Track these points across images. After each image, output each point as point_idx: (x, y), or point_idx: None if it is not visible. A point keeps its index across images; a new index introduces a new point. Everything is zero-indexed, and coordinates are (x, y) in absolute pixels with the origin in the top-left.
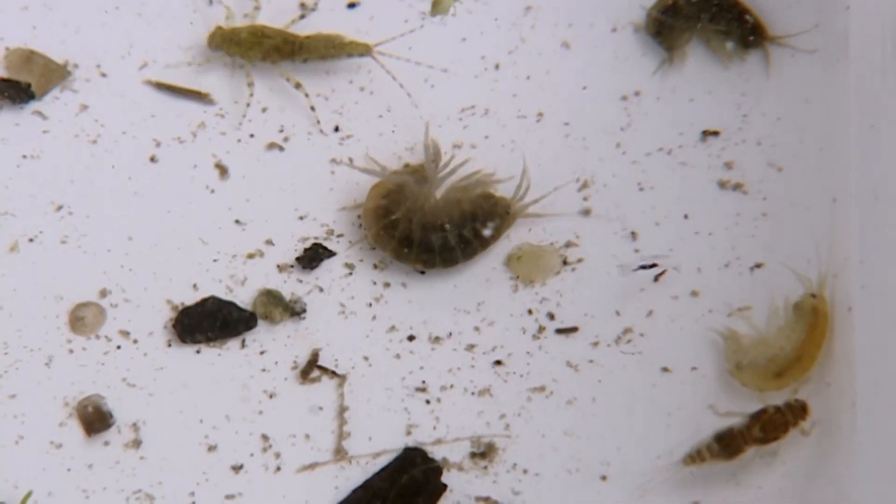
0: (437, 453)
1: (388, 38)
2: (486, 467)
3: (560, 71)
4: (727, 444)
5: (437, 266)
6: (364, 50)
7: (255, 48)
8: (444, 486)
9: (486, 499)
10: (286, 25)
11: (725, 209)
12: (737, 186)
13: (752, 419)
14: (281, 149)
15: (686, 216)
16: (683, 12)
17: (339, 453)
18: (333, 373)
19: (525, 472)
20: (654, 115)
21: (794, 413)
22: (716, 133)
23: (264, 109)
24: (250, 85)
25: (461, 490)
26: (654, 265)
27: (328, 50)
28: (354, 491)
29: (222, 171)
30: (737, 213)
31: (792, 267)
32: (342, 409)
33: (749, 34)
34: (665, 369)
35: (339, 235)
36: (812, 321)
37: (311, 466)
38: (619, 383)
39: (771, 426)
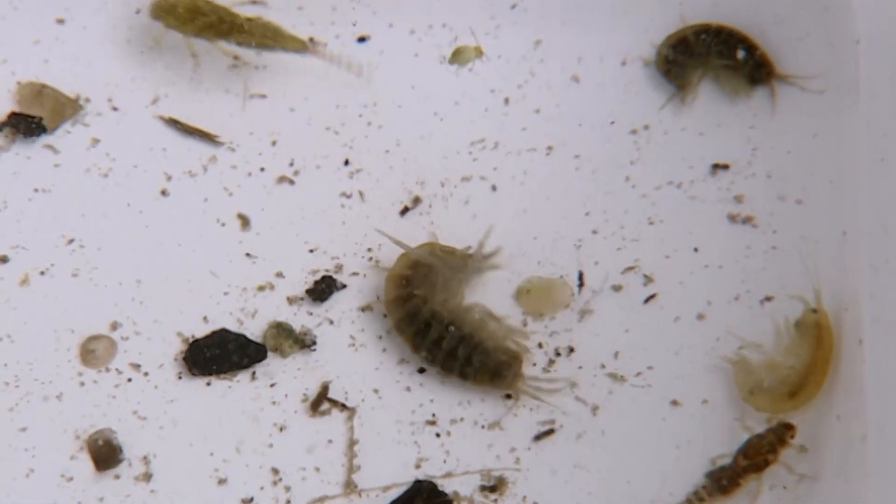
0: (447, 487)
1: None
2: (496, 501)
3: (570, 104)
4: (718, 480)
5: (455, 371)
6: (300, 47)
7: (189, 23)
8: None
9: None
10: (232, 4)
11: (735, 242)
12: (747, 220)
13: (736, 452)
14: (291, 182)
15: (696, 249)
16: (693, 49)
17: (349, 486)
18: (343, 406)
19: None
20: (664, 149)
21: (778, 434)
22: (725, 166)
23: (274, 143)
24: (194, 56)
25: None
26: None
27: (264, 39)
28: None
29: (240, 216)
30: (747, 247)
31: (788, 291)
32: (352, 443)
33: (757, 71)
34: (675, 402)
35: (353, 274)
36: (817, 336)
37: (321, 500)
38: (629, 416)
39: (753, 451)
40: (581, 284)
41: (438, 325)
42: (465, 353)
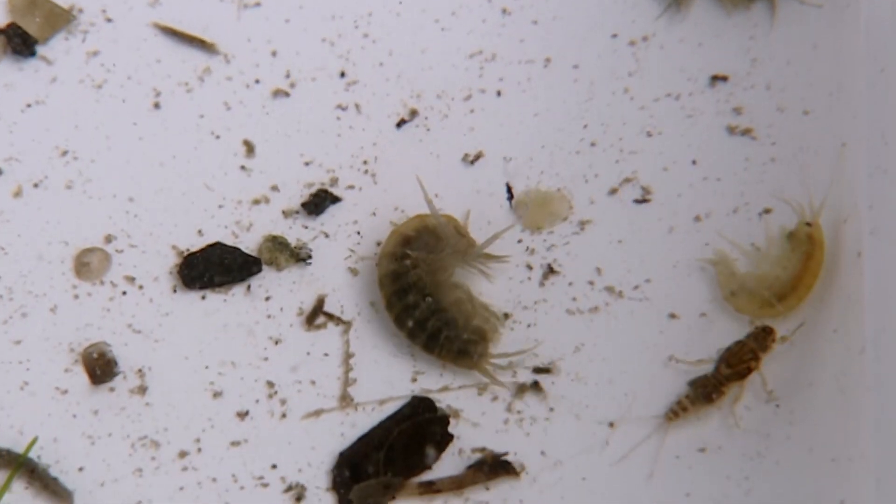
0: (442, 401)
1: None
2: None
3: (567, 16)
4: (701, 388)
5: (420, 341)
6: None
7: None
8: (451, 437)
9: (482, 449)
10: None
11: (734, 154)
12: (745, 132)
13: (717, 360)
14: (286, 94)
15: (694, 162)
16: None
17: (345, 400)
18: (339, 319)
19: (534, 420)
20: (663, 61)
21: (759, 339)
22: (724, 78)
23: (269, 54)
24: None
25: (465, 439)
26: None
27: None
28: (359, 439)
29: (234, 129)
30: (745, 159)
31: (785, 198)
32: (347, 356)
33: None
34: (672, 315)
35: (349, 187)
36: (808, 249)
37: (317, 413)
38: (627, 330)
39: (735, 359)
40: (510, 197)
41: (418, 292)
42: (434, 325)
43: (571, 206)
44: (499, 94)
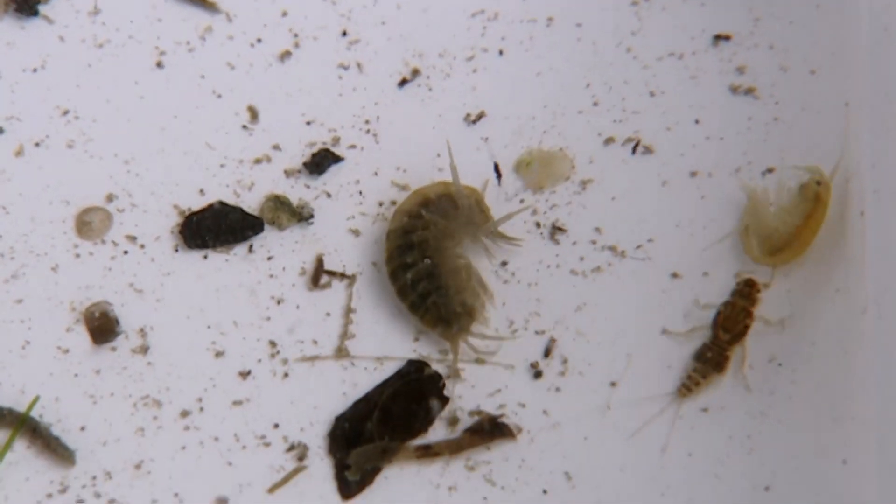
0: (443, 361)
1: None
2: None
3: None
4: (708, 359)
5: (407, 300)
6: None
7: None
8: (447, 399)
9: (479, 412)
10: None
11: (737, 114)
12: (749, 91)
13: (713, 327)
14: (288, 53)
15: (697, 121)
16: None
17: (341, 351)
18: (342, 274)
19: (536, 379)
20: (665, 20)
21: (745, 295)
22: (727, 37)
23: (270, 13)
24: None
25: (464, 401)
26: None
27: None
28: (355, 403)
29: (236, 88)
30: (748, 118)
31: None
32: (349, 309)
33: None
34: (675, 275)
35: (351, 147)
36: (811, 208)
37: (312, 359)
38: (630, 289)
39: (730, 322)
40: (499, 175)
41: (420, 252)
42: (425, 288)
43: (574, 165)
44: (501, 53)
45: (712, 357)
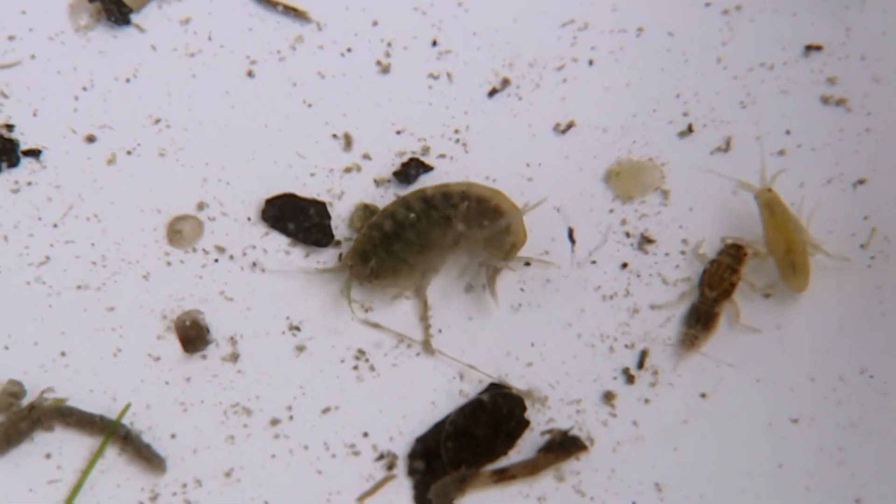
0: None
1: None
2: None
3: None
4: (697, 319)
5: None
6: None
7: None
8: (528, 423)
9: (550, 430)
10: None
11: (828, 124)
12: (840, 101)
13: (699, 285)
14: (378, 63)
15: (788, 132)
16: None
17: (427, 346)
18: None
19: (615, 389)
20: (756, 30)
21: (731, 254)
22: (819, 48)
23: (361, 23)
24: None
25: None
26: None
27: None
28: (435, 425)
29: (327, 97)
30: (840, 129)
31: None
32: (425, 307)
33: None
34: (766, 294)
35: (440, 156)
36: (768, 217)
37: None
38: None
39: (716, 279)
40: (572, 241)
41: (418, 221)
42: (385, 244)
43: (663, 175)
44: (591, 63)
45: (700, 317)
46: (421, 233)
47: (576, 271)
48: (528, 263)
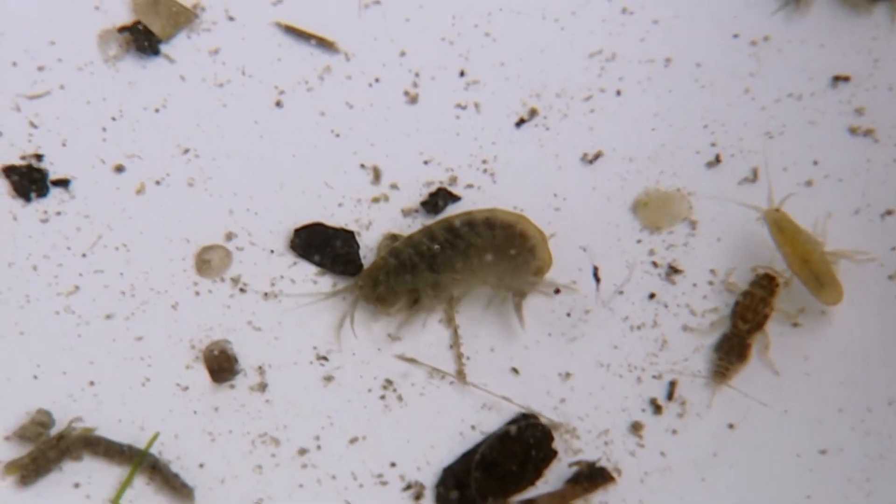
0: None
1: None
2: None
3: (688, 15)
4: (729, 350)
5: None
6: None
7: None
8: (555, 453)
9: (578, 462)
10: None
11: (856, 155)
12: (868, 132)
13: (732, 317)
14: (406, 93)
15: (815, 162)
16: None
17: (461, 375)
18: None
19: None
20: (784, 61)
21: (763, 286)
22: (846, 78)
23: (388, 53)
24: None
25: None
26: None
27: None
28: (463, 455)
29: (354, 127)
30: (867, 160)
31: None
32: (455, 330)
33: None
34: (800, 309)
35: (468, 186)
36: (780, 237)
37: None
38: None
39: (749, 312)
40: (597, 280)
41: (437, 249)
42: (409, 259)
43: (691, 205)
44: (619, 93)
45: (733, 348)
46: (443, 264)
47: (604, 301)
48: (557, 291)
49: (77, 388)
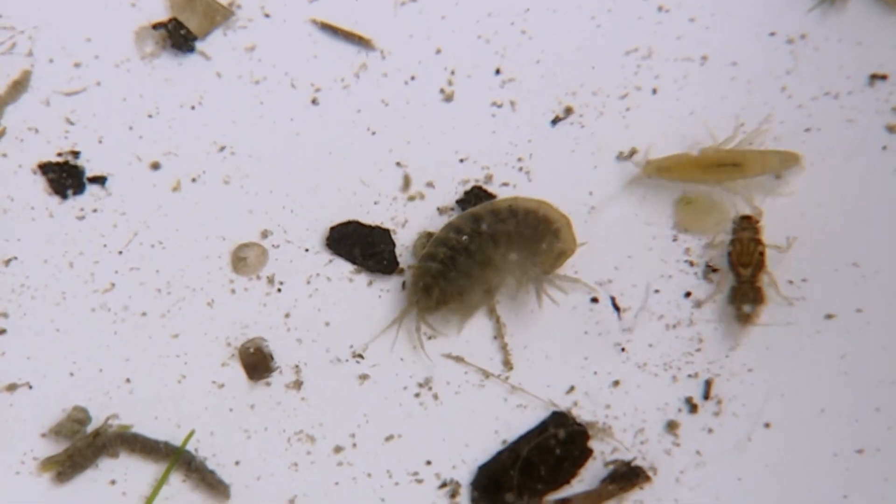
0: (580, 415)
1: None
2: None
3: (725, 13)
4: (743, 297)
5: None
6: None
7: None
8: (591, 452)
9: (615, 460)
10: None
11: (893, 153)
12: None
13: (731, 268)
14: (442, 91)
15: (850, 160)
16: None
17: (507, 365)
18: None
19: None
20: (821, 59)
21: (746, 227)
22: (883, 77)
23: (424, 51)
24: None
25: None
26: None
27: None
28: (497, 454)
29: (390, 125)
30: None
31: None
32: (500, 325)
33: None
34: (829, 315)
35: (503, 184)
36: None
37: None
38: (781, 331)
39: (745, 255)
40: (617, 309)
41: (468, 241)
42: (445, 256)
43: (732, 214)
44: (654, 91)
45: (746, 293)
46: (474, 253)
47: (639, 300)
48: (595, 300)
49: (113, 385)
